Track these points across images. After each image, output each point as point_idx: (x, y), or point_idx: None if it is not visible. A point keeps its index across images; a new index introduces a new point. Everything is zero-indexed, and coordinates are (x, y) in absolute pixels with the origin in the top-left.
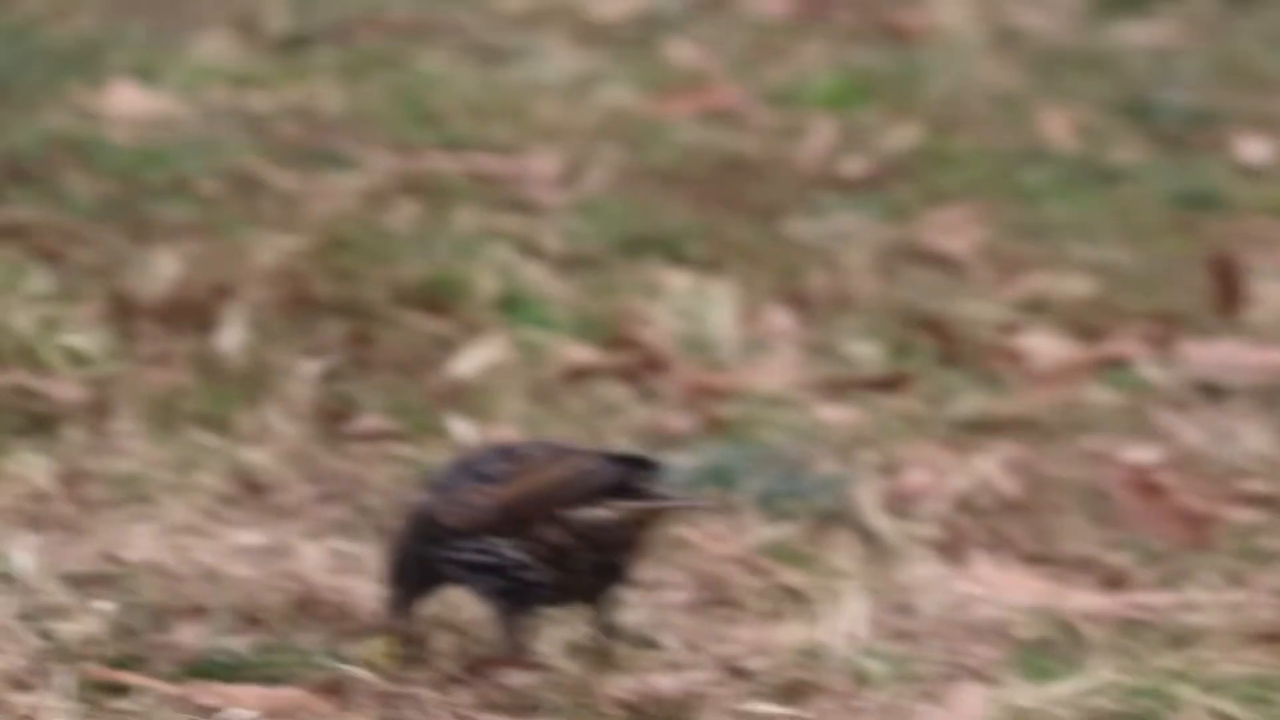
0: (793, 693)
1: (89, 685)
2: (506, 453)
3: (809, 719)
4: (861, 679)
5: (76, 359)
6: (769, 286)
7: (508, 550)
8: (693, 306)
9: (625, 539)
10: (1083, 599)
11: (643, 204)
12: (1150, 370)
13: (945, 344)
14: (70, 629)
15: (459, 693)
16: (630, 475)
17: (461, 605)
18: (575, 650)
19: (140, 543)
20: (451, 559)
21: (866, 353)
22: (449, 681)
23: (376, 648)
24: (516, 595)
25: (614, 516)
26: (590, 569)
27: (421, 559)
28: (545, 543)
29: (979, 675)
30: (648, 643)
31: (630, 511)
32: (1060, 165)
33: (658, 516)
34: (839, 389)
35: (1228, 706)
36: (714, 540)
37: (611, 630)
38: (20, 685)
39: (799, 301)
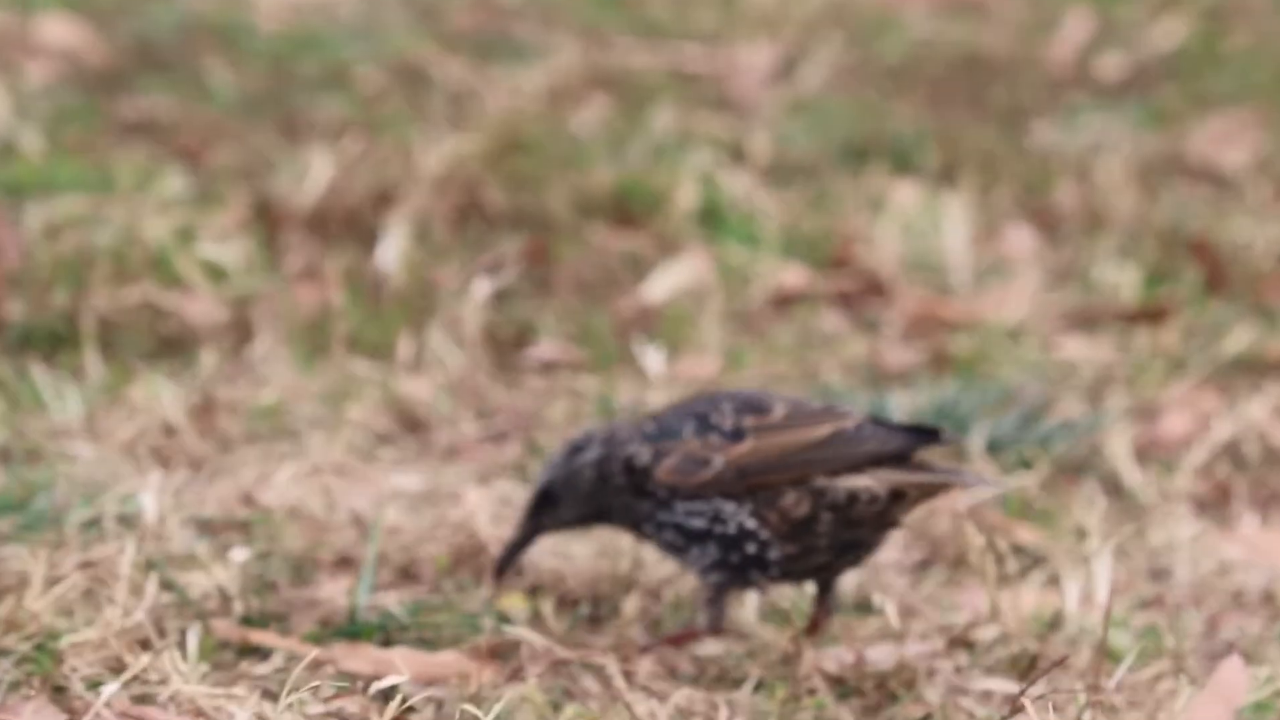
0: (1025, 667)
1: (218, 645)
2: (745, 403)
3: (1043, 697)
4: (1105, 653)
5: (214, 273)
6: (1010, 201)
7: (739, 517)
8: (921, 223)
9: (884, 515)
10: None
11: (867, 105)
12: None
13: (1212, 271)
14: (199, 581)
15: (644, 663)
16: (902, 443)
17: (650, 562)
18: (777, 615)
19: (281, 484)
20: (663, 520)
21: (1121, 279)
22: (633, 650)
23: (515, 598)
24: (738, 568)
25: (880, 490)
26: (833, 546)
27: (603, 508)
28: (787, 513)
29: (1242, 651)
30: (861, 608)
31: (903, 486)
32: None
33: (932, 493)
34: (1088, 320)
35: None
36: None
37: (832, 606)
38: (141, 643)
39: (1044, 219)
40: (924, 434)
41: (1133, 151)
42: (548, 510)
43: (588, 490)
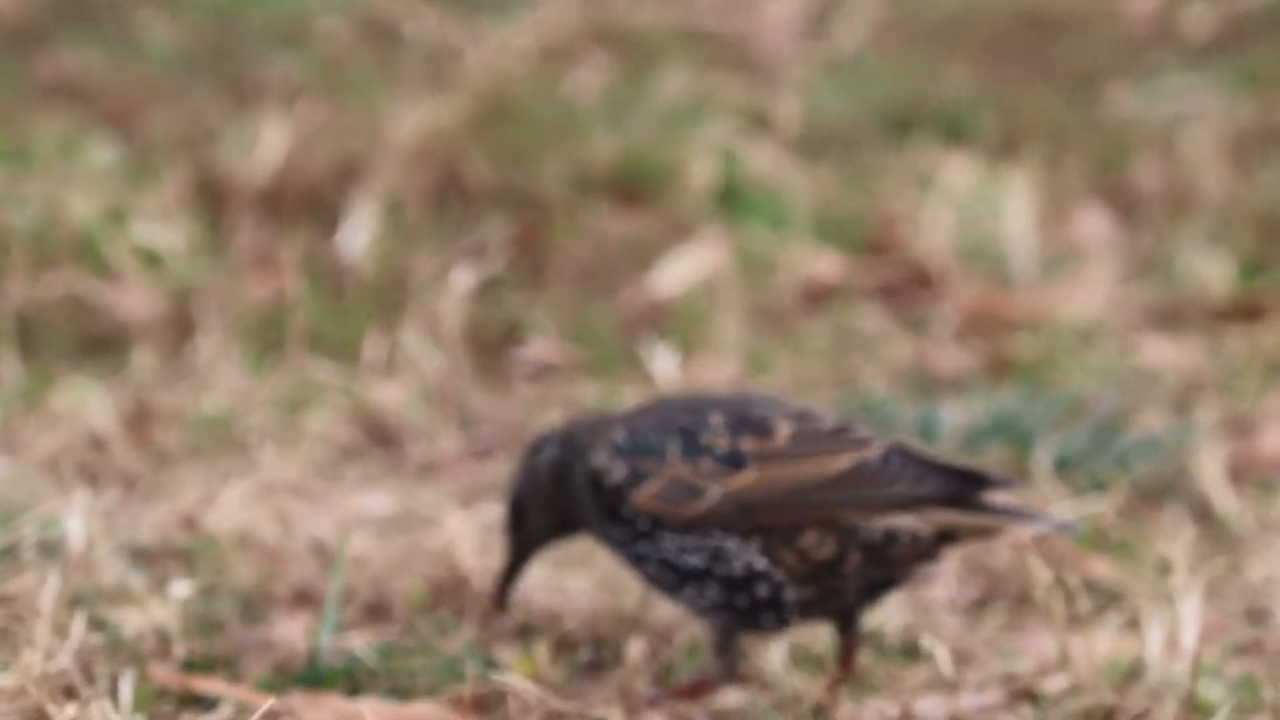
0: None
1: (155, 694)
2: (739, 419)
3: None
4: (1194, 707)
5: (150, 260)
6: (1081, 179)
7: (746, 557)
8: (977, 204)
9: (922, 556)
10: None
11: (913, 66)
12: None
13: None
14: (133, 619)
15: (653, 717)
16: (937, 488)
17: (658, 599)
18: (807, 661)
19: (229, 506)
20: (643, 552)
21: (1211, 270)
22: (639, 702)
23: (528, 657)
24: (747, 612)
25: (925, 531)
26: (860, 588)
27: (570, 516)
28: (806, 554)
29: None
30: (909, 653)
31: (955, 527)
32: None
33: (989, 534)
34: (1172, 318)
35: None
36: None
37: (859, 638)
38: (65, 691)
39: (1121, 200)
40: (966, 478)
41: (1224, 121)
42: (525, 525)
43: (548, 496)
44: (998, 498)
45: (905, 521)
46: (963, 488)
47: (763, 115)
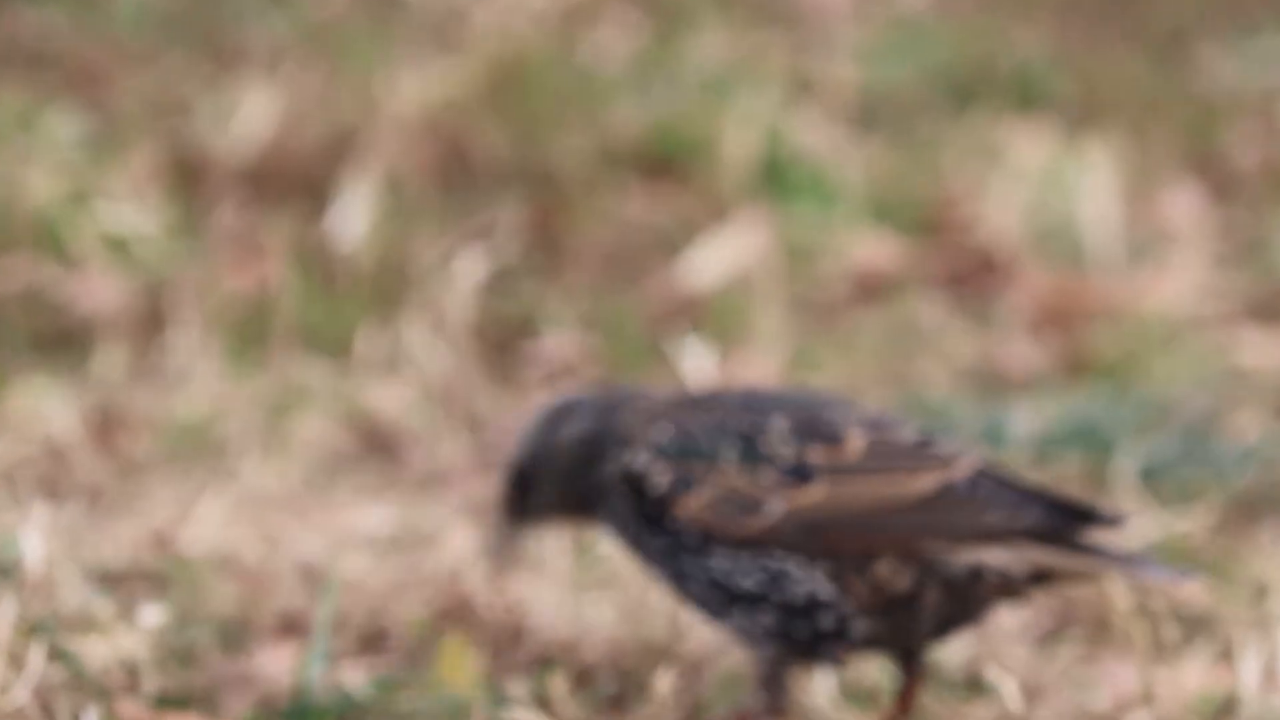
0: None
1: None
2: (805, 423)
3: None
4: None
5: (118, 247)
6: (1170, 153)
7: (811, 584)
8: (1052, 181)
9: (1009, 595)
10: None
11: (979, 28)
12: None
13: None
14: (98, 649)
15: None
16: (1036, 520)
17: (689, 625)
18: (858, 696)
19: (206, 523)
20: (686, 569)
21: None
22: None
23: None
24: (805, 644)
25: (1017, 571)
26: (937, 625)
27: (589, 502)
28: (880, 587)
29: None
30: (973, 686)
31: (1053, 569)
32: None
33: (1086, 580)
34: (1272, 309)
35: None
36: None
37: (923, 675)
38: None
39: (1215, 177)
40: (1071, 509)
41: None
42: (527, 502)
43: (566, 475)
44: (1101, 536)
45: (996, 557)
46: (1064, 522)
47: (810, 82)
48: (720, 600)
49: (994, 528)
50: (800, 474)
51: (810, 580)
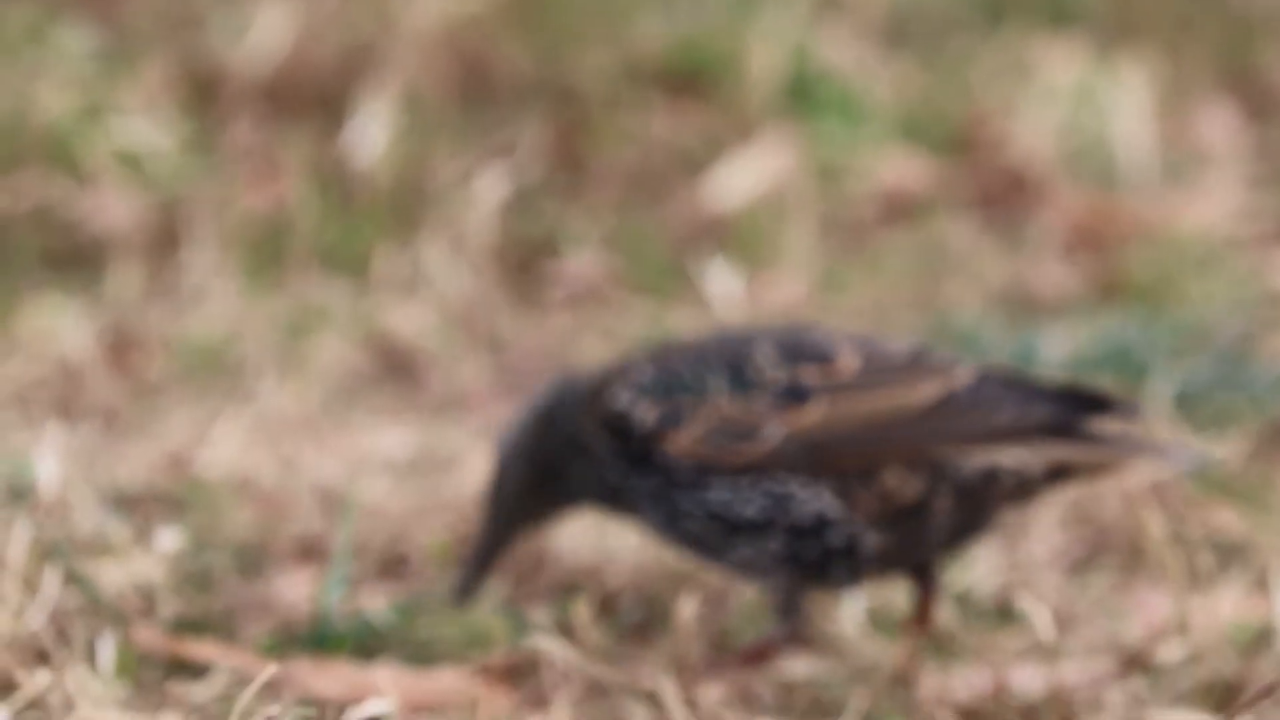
0: (1223, 697)
1: (139, 659)
2: (792, 347)
3: None
4: None
5: (131, 163)
6: (1205, 69)
7: (816, 503)
8: (1084, 99)
9: (1022, 497)
10: None
11: None
12: None
13: None
14: (114, 574)
15: (710, 688)
16: (1048, 414)
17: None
18: (884, 625)
19: (223, 446)
20: (683, 506)
21: None
22: (694, 670)
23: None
24: (816, 566)
25: (1034, 467)
26: (953, 533)
27: (558, 482)
28: (889, 497)
29: None
30: (1004, 617)
31: (1071, 462)
32: None
33: (1104, 472)
34: None
35: None
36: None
37: (937, 590)
38: (37, 655)
39: (1252, 94)
40: (1084, 401)
41: None
42: (509, 500)
43: (529, 465)
44: (1114, 427)
45: (1009, 456)
46: (1077, 414)
47: None
48: (721, 533)
49: (1004, 427)
50: (796, 395)
51: (816, 499)
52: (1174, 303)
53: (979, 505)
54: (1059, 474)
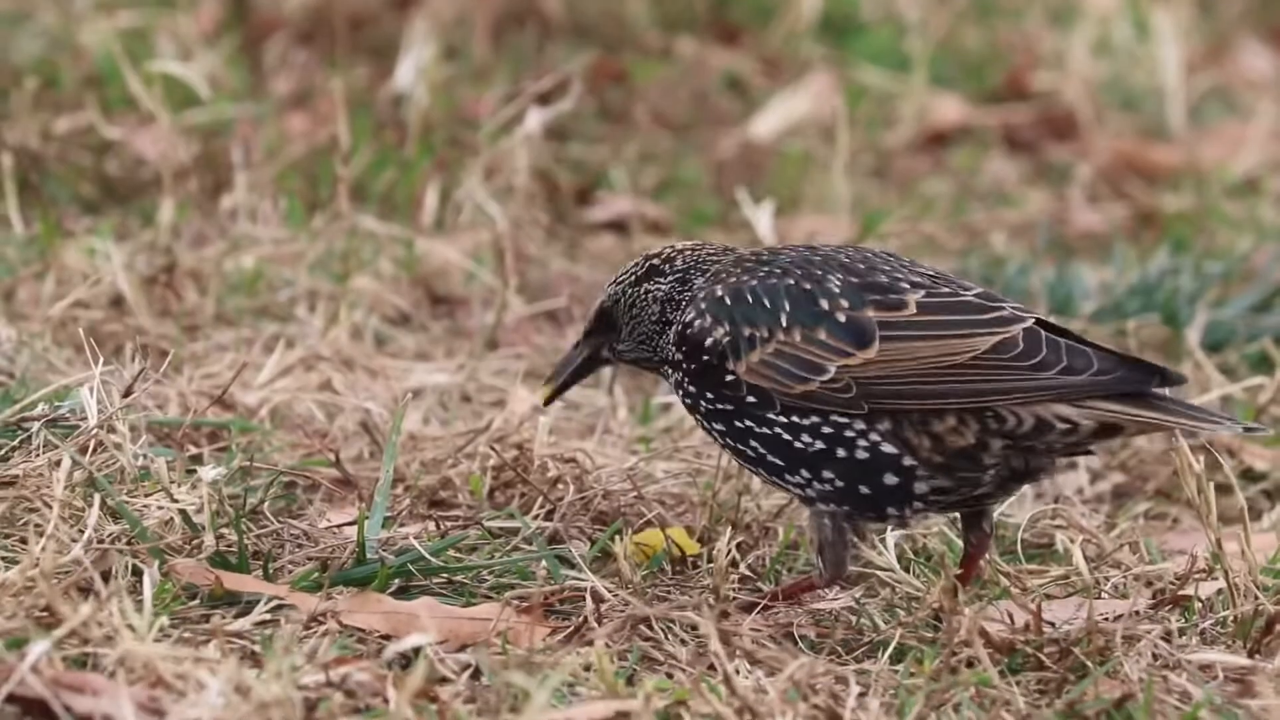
0: (1257, 634)
1: (181, 592)
2: (861, 279)
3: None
4: None
5: (176, 96)
6: (1243, 10)
7: (872, 440)
8: (1123, 40)
9: (1075, 448)
10: None
11: None
12: None
13: None
14: (156, 507)
15: (748, 622)
16: (1098, 381)
17: (756, 488)
18: (924, 558)
19: (266, 379)
20: (744, 425)
21: None
22: (732, 605)
23: (638, 543)
24: (869, 501)
25: (1084, 422)
26: (1002, 477)
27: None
28: (942, 440)
29: None
30: (1040, 552)
31: (1119, 420)
32: None
33: (1151, 431)
34: None
35: None
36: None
37: (988, 538)
38: (80, 588)
39: None
40: (1134, 367)
41: None
42: (606, 335)
43: (648, 330)
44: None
45: (1060, 411)
46: (1128, 376)
47: None
48: (780, 460)
49: (1055, 384)
50: (857, 334)
51: (871, 436)
52: (1210, 242)
53: (1030, 454)
54: (1108, 431)
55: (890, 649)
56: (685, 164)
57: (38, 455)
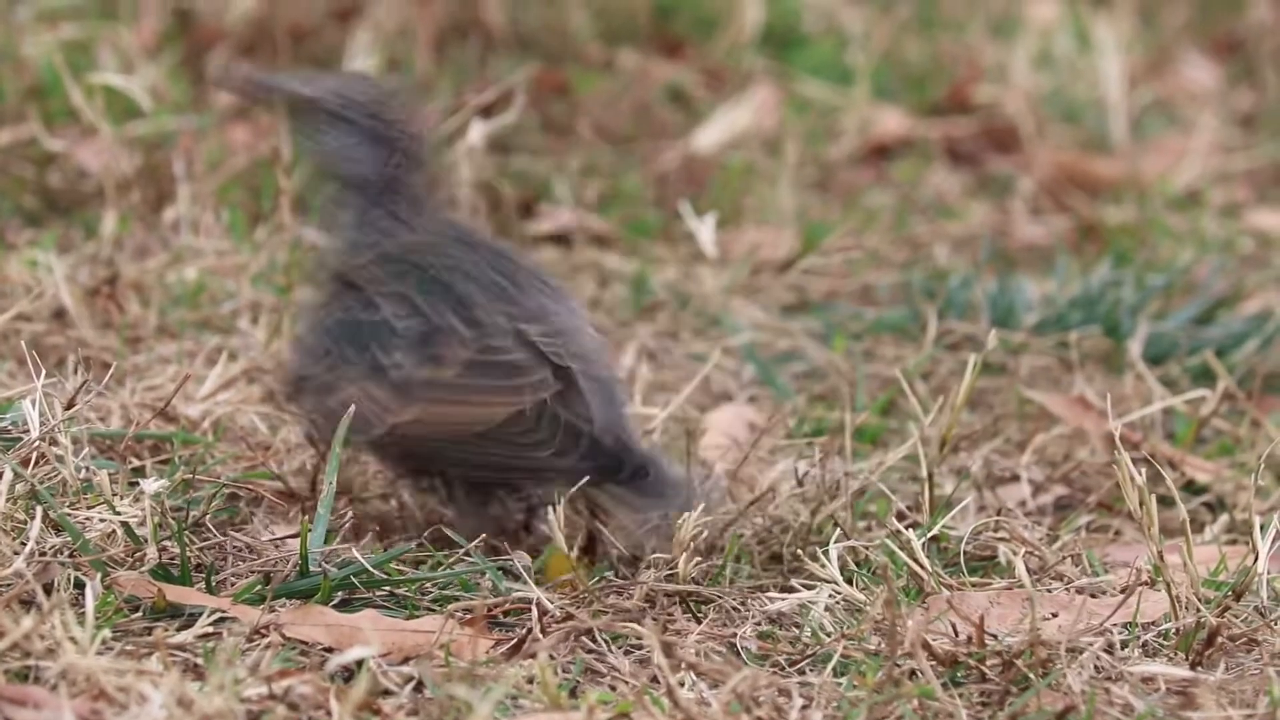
0: (1200, 646)
1: (124, 604)
2: (444, 320)
3: (1224, 687)
4: None
5: (118, 107)
6: (1184, 24)
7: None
8: (1064, 52)
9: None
10: None
11: None
12: None
13: None
14: (98, 519)
15: (692, 634)
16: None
17: None
18: (867, 572)
19: (209, 390)
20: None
21: None
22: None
23: (558, 559)
24: None
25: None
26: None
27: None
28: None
29: None
30: (982, 563)
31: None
32: None
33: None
34: None
35: None
36: (1081, 411)
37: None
38: (21, 601)
39: (1230, 48)
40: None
41: None
42: None
43: None
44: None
45: (539, 491)
46: (610, 463)
47: None
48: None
49: (542, 464)
50: (404, 392)
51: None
52: (1151, 255)
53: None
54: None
55: (833, 661)
56: (628, 176)
57: None
